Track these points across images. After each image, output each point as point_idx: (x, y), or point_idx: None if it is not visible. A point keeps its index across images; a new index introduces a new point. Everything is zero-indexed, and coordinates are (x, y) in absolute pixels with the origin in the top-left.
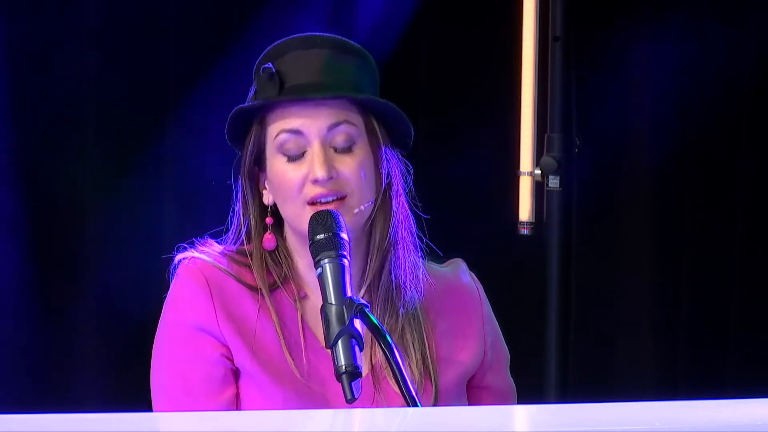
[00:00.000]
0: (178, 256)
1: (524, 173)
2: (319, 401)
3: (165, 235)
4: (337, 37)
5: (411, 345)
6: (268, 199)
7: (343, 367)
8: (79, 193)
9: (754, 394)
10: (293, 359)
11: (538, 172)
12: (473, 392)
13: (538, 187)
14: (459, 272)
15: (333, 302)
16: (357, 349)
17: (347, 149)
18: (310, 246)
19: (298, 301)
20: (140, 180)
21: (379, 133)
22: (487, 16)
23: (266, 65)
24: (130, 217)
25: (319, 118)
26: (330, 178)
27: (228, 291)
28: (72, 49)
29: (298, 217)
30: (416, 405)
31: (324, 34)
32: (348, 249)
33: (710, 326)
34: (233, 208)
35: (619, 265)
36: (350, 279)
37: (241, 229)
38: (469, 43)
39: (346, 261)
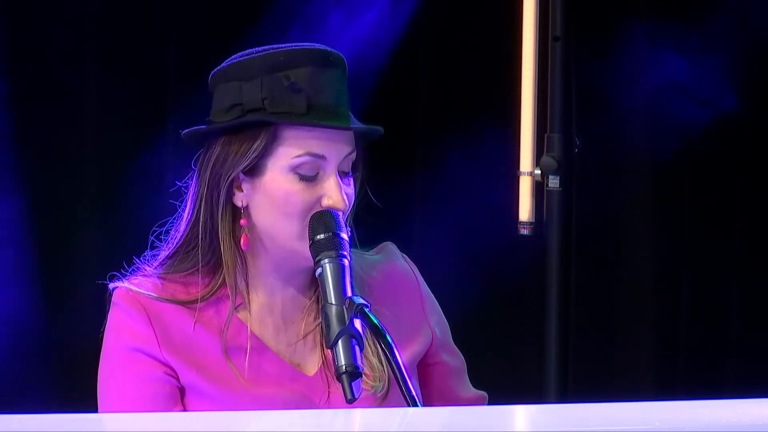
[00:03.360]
0: (111, 285)
1: (524, 173)
2: (277, 405)
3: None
4: (339, 53)
5: (368, 338)
6: (242, 201)
7: (344, 367)
8: (79, 194)
9: (754, 394)
10: (245, 366)
11: (538, 172)
12: (428, 369)
13: (538, 187)
14: (392, 257)
15: (333, 302)
16: (357, 349)
17: (348, 174)
18: (310, 246)
19: (249, 305)
20: (140, 180)
21: (361, 158)
22: (487, 16)
23: (293, 82)
24: (131, 218)
25: (340, 147)
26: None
27: (165, 314)
28: (72, 48)
29: (292, 235)
30: (416, 405)
31: (331, 49)
32: (348, 249)
33: (710, 326)
34: (186, 210)
35: (619, 265)
36: (351, 279)
37: (206, 231)
38: (469, 43)
39: (346, 261)
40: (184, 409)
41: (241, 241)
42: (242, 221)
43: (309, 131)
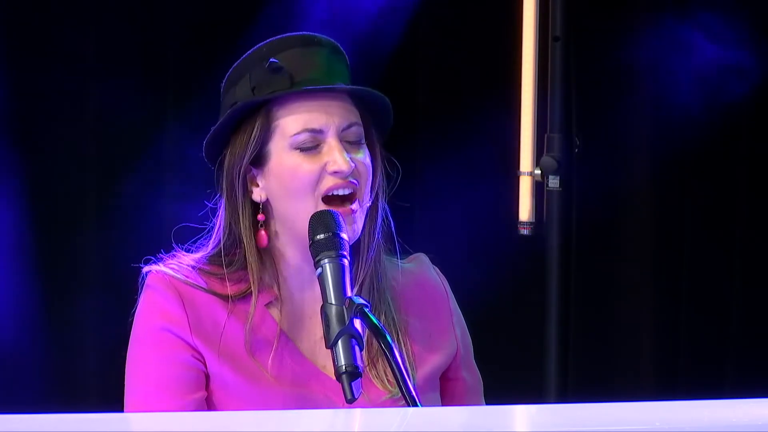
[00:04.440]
0: (146, 268)
1: (524, 173)
2: (299, 404)
3: (165, 236)
4: (329, 38)
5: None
6: (261, 196)
7: (344, 367)
8: (79, 194)
9: (754, 394)
10: (270, 363)
11: (538, 172)
12: (448, 383)
13: (538, 187)
14: (424, 268)
15: (333, 302)
16: (357, 349)
17: (357, 143)
18: (310, 246)
19: (281, 303)
20: (141, 181)
21: (374, 135)
22: (487, 16)
23: (272, 59)
24: (131, 218)
25: (337, 117)
26: (351, 170)
27: (198, 301)
28: (72, 50)
29: (307, 212)
30: (416, 405)
31: (316, 34)
32: (348, 249)
33: (710, 326)
34: (217, 211)
35: (619, 266)
36: (350, 279)
37: (232, 231)
38: (469, 43)
39: (346, 261)
40: (207, 396)
41: (258, 237)
42: (260, 216)
43: (301, 106)
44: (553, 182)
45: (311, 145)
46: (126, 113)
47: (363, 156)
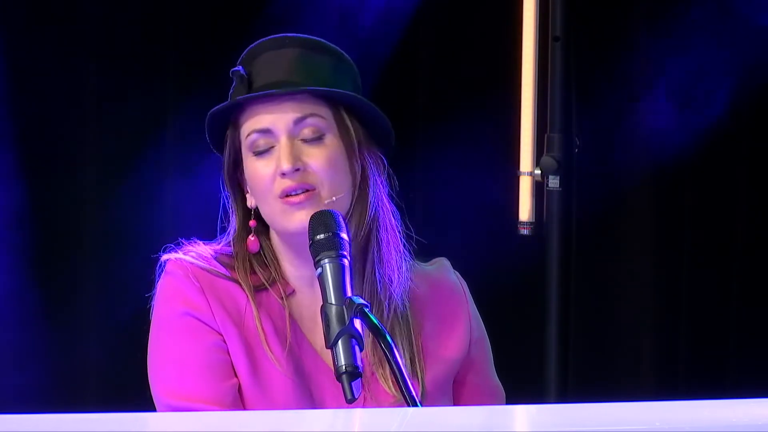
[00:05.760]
0: (164, 256)
1: (524, 173)
2: (309, 398)
3: (165, 236)
4: (311, 37)
5: (400, 344)
6: (251, 202)
7: (344, 367)
8: (79, 194)
9: (754, 394)
10: (282, 356)
11: (538, 172)
12: (454, 388)
13: (538, 187)
14: (444, 271)
15: (333, 302)
16: (357, 349)
17: (316, 140)
18: (310, 246)
19: (284, 299)
20: (141, 180)
21: (350, 126)
22: (487, 16)
23: (236, 68)
24: (131, 218)
25: (286, 114)
26: (296, 170)
27: (218, 287)
28: (72, 50)
29: (273, 213)
30: (416, 405)
31: (296, 34)
32: (348, 249)
33: (710, 326)
34: (224, 210)
35: (619, 265)
36: (350, 279)
37: (230, 231)
38: (469, 43)
39: (346, 261)
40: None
41: (248, 242)
42: (251, 222)
43: (254, 110)
44: (553, 182)
45: (264, 148)
46: (127, 114)
47: (320, 154)
